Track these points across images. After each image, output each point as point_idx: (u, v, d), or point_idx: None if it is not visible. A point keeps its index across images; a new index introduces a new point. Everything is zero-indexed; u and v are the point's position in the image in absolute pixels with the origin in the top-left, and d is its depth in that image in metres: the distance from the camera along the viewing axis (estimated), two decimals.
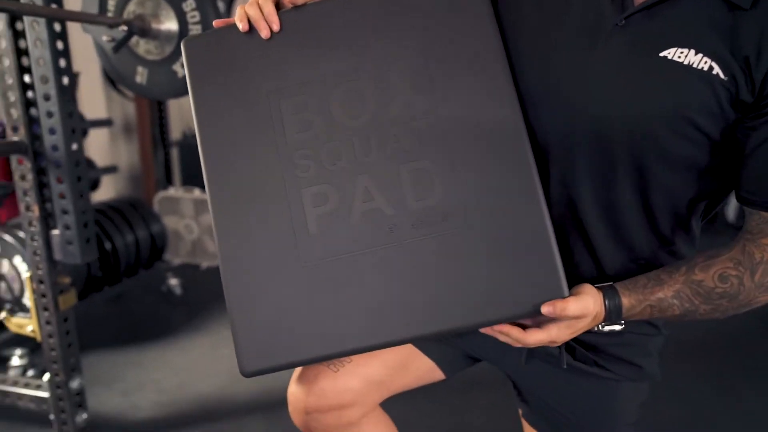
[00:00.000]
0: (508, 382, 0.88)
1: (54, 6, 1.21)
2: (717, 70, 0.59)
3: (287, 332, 0.63)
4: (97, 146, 3.00)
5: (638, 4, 0.62)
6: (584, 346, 0.76)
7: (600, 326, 0.65)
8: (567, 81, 0.65)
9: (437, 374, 0.84)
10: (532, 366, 0.79)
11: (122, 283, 2.34)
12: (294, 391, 0.79)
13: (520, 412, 0.87)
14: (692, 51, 0.60)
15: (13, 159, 1.32)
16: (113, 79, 1.42)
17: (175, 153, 3.29)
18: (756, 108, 0.60)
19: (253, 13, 0.65)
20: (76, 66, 2.52)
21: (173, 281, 2.56)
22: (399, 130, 0.61)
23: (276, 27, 0.65)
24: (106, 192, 3.00)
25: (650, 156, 0.64)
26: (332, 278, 0.62)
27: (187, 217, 3.02)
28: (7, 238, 1.86)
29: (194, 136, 2.61)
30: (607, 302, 0.63)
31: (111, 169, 2.46)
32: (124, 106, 3.23)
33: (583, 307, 0.60)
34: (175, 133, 3.35)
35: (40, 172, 1.32)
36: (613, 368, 0.76)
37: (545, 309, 0.59)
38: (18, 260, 1.84)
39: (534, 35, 0.67)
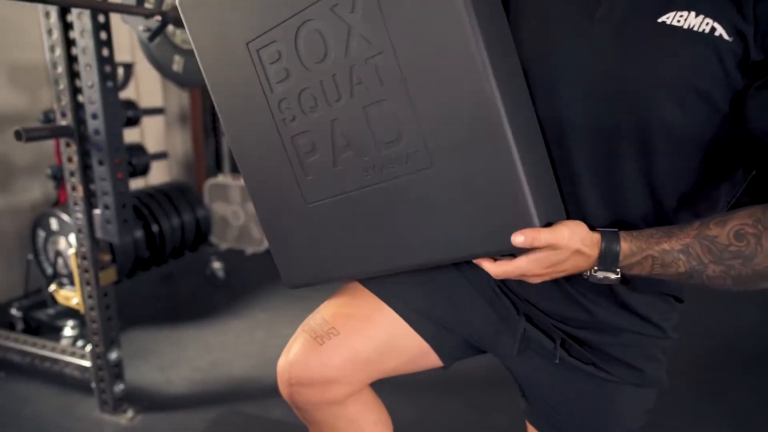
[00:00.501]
0: None
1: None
2: (720, 30, 0.55)
3: (306, 257, 0.76)
4: (153, 133, 3.16)
5: None
6: (581, 344, 0.72)
7: (592, 271, 0.61)
8: (565, 55, 0.62)
9: (433, 359, 0.81)
10: (527, 359, 0.76)
11: (168, 265, 2.46)
12: (281, 363, 0.80)
13: (522, 408, 0.84)
14: (692, 13, 0.56)
15: (62, 142, 1.41)
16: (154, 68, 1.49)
17: (225, 141, 3.41)
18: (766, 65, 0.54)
19: None
20: (133, 57, 2.67)
21: (216, 265, 2.66)
22: (360, 72, 0.60)
23: None
24: (160, 176, 3.16)
25: (653, 132, 0.59)
26: (331, 216, 0.70)
27: (235, 204, 3.13)
28: (64, 216, 2.00)
29: None
30: (604, 244, 0.59)
31: (161, 155, 2.58)
32: (180, 96, 3.37)
33: (558, 237, 0.57)
34: None
35: (85, 155, 1.41)
36: (612, 370, 0.72)
37: (515, 238, 0.56)
38: (72, 238, 1.97)
39: (533, 12, 0.66)
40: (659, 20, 0.57)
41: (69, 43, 1.35)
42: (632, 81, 0.59)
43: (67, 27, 1.34)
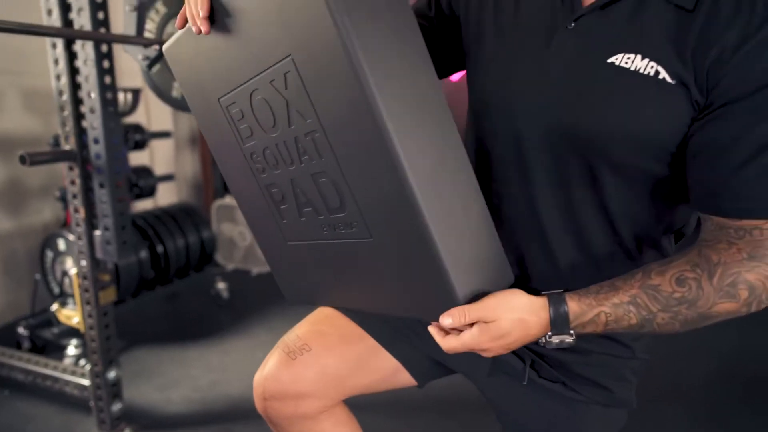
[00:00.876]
0: None
1: (102, 30, 1.35)
2: (663, 74, 0.57)
3: (297, 281, 0.81)
4: (162, 155, 3.24)
5: (586, 6, 0.61)
6: (551, 364, 0.73)
7: (547, 336, 0.60)
8: (520, 85, 0.65)
9: (405, 378, 0.83)
10: (499, 381, 0.77)
11: (173, 285, 2.50)
12: (256, 378, 0.82)
13: (501, 430, 0.85)
14: (639, 56, 0.58)
15: (66, 166, 1.46)
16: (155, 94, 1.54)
17: None
18: (706, 108, 0.57)
19: (188, 11, 0.61)
20: (143, 82, 2.76)
21: (221, 285, 2.69)
22: (303, 144, 0.61)
23: (204, 29, 0.59)
24: (169, 197, 3.23)
25: (602, 165, 0.62)
26: (306, 255, 0.74)
27: (241, 225, 3.18)
28: (71, 237, 2.05)
29: None
30: (552, 308, 0.59)
31: (168, 178, 2.64)
32: (190, 120, 3.46)
33: (484, 311, 0.56)
34: None
35: (87, 178, 1.46)
36: (581, 389, 0.72)
37: (443, 321, 0.57)
38: None
39: (491, 41, 0.69)
40: (608, 60, 0.59)
41: (73, 71, 1.41)
42: (581, 118, 0.61)
43: (72, 56, 1.40)
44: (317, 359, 0.79)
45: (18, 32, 1.06)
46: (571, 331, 0.59)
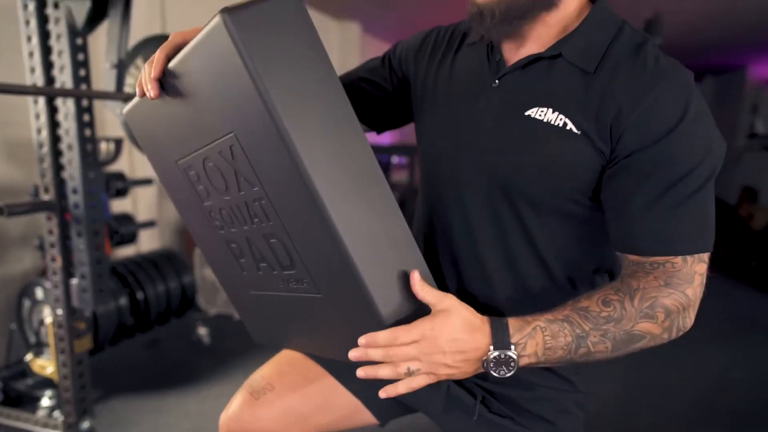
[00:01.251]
0: None
1: (83, 87, 1.41)
2: (570, 125, 0.65)
3: (262, 324, 0.84)
4: (146, 202, 3.27)
5: (509, 66, 0.70)
6: (500, 399, 0.77)
7: (489, 355, 0.60)
8: (455, 135, 0.73)
9: (366, 416, 0.86)
10: (454, 416, 0.80)
11: (154, 331, 2.49)
12: (221, 418, 0.86)
13: None
14: (550, 110, 0.66)
15: (44, 216, 1.50)
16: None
17: None
18: (613, 159, 0.64)
19: (141, 77, 0.65)
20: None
21: (202, 330, 2.68)
22: (252, 208, 0.65)
23: (154, 94, 0.62)
24: (152, 244, 3.24)
25: (527, 207, 0.68)
26: (266, 303, 0.77)
27: None
28: (48, 285, 2.05)
29: None
30: (491, 320, 0.61)
31: (150, 224, 2.67)
32: None
33: (435, 322, 0.58)
34: None
35: (65, 227, 1.49)
36: (528, 424, 0.76)
37: (360, 341, 0.58)
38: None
39: (433, 100, 0.77)
40: (526, 113, 0.68)
41: (54, 124, 1.46)
42: (506, 164, 0.69)
43: (53, 110, 1.45)
44: (280, 398, 0.82)
45: (2, 92, 1.11)
46: (512, 346, 0.60)
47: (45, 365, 1.93)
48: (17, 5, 1.41)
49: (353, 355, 0.60)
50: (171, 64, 0.61)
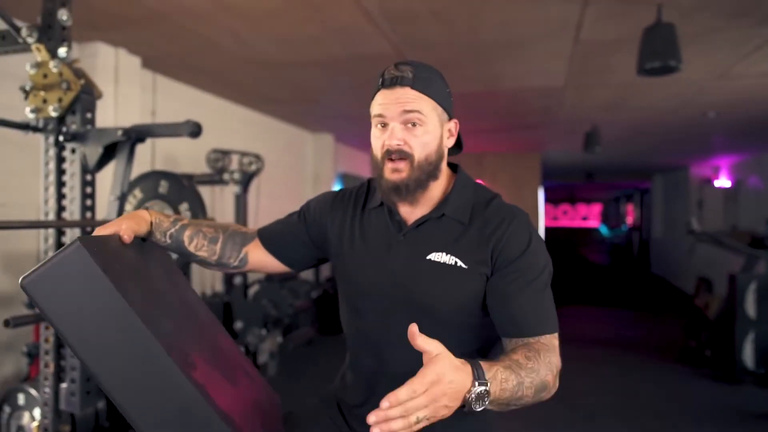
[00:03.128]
0: None
1: (88, 215, 1.68)
2: (460, 263, 0.95)
3: None
4: None
5: (410, 225, 1.01)
6: None
7: (474, 389, 0.73)
8: (374, 277, 1.01)
9: None
10: None
11: None
12: None
13: None
14: (443, 253, 0.97)
15: (43, 326, 1.69)
16: None
17: None
18: (492, 272, 0.95)
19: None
20: None
21: None
22: None
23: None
24: None
25: (436, 323, 0.94)
26: None
27: None
28: (32, 391, 2.17)
29: (212, 296, 3.04)
30: (469, 362, 0.75)
31: None
32: None
33: (433, 375, 0.69)
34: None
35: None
36: None
37: (383, 404, 0.67)
38: (37, 411, 2.13)
39: (350, 252, 1.06)
40: (427, 257, 0.98)
41: (60, 245, 1.71)
42: (415, 295, 0.97)
43: (59, 233, 1.71)
44: None
45: (18, 228, 1.37)
46: (487, 381, 0.74)
47: None
48: (40, 149, 1.71)
49: (373, 420, 0.67)
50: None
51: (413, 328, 0.72)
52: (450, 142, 1.02)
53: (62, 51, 1.66)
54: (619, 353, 4.84)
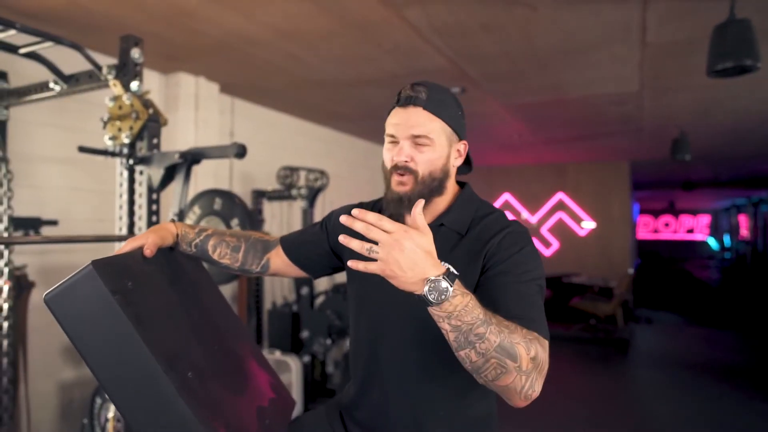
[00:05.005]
0: None
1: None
2: (452, 270, 0.96)
3: None
4: None
5: None
6: None
7: (435, 277, 0.80)
8: (373, 284, 1.03)
9: None
10: None
11: None
12: None
13: None
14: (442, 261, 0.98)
15: None
16: None
17: (265, 318, 3.90)
18: (487, 269, 0.98)
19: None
20: None
21: None
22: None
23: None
24: None
25: (427, 330, 0.95)
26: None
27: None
28: None
29: (282, 305, 3.22)
30: (447, 266, 0.83)
31: None
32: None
33: (395, 224, 0.81)
34: (267, 303, 4.00)
35: None
36: None
37: (354, 212, 0.85)
38: None
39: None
40: None
41: None
42: (410, 299, 0.95)
43: None
44: None
45: (92, 241, 1.58)
46: (453, 285, 0.80)
47: None
48: (116, 171, 1.95)
49: (343, 219, 0.82)
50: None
51: (418, 206, 0.86)
52: (458, 162, 1.07)
53: (134, 85, 1.89)
54: (711, 380, 4.42)
